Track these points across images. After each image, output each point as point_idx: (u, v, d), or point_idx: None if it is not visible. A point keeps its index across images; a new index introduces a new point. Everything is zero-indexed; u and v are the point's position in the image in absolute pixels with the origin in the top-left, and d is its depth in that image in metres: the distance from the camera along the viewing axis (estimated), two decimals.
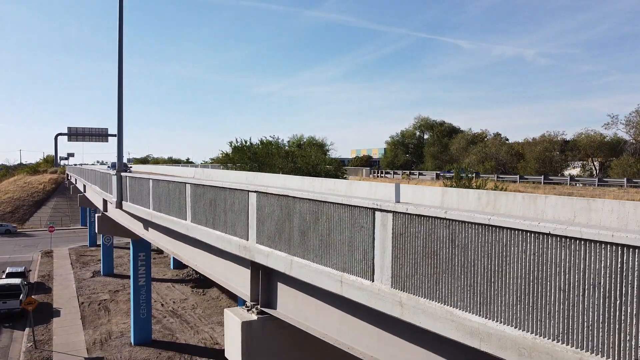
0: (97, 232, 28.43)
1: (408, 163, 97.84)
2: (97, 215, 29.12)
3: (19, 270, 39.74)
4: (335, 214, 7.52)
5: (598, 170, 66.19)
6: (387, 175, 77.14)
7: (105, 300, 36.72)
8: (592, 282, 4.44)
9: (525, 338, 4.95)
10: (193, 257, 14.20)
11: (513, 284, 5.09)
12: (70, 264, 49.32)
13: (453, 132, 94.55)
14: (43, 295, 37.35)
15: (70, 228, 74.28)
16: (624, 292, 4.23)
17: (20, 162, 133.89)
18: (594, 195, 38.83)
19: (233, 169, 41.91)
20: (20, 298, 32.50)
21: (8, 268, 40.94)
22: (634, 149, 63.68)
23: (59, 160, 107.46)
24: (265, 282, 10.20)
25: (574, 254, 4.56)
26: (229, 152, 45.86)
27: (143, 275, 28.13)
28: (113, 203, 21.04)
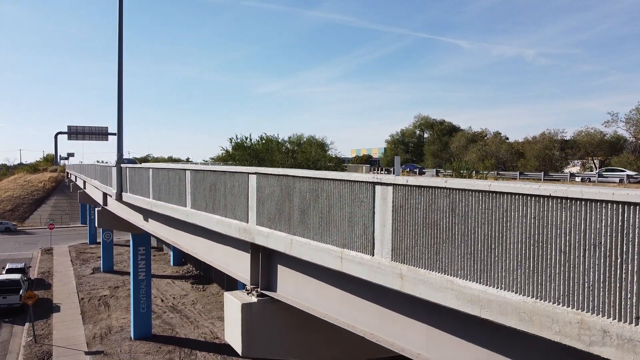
0: (97, 226, 28.43)
1: (408, 161, 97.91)
2: (97, 210, 29.12)
3: (19, 267, 39.72)
4: (336, 191, 7.52)
5: (598, 168, 66.22)
6: (387, 173, 77.24)
7: (105, 296, 36.71)
8: (592, 242, 4.44)
9: (526, 302, 4.94)
10: (193, 245, 14.20)
11: (513, 249, 5.09)
12: (70, 261, 49.32)
13: (453, 130, 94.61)
14: (43, 291, 37.34)
15: (70, 226, 74.26)
16: (625, 250, 4.22)
17: (20, 162, 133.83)
18: None
19: (234, 166, 41.84)
20: (20, 293, 32.48)
21: (8, 264, 40.93)
22: (634, 147, 63.70)
23: (59, 160, 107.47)
24: (265, 264, 10.19)
25: (575, 215, 4.55)
26: (230, 149, 45.84)
27: (143, 270, 28.13)
28: (113, 195, 21.03)
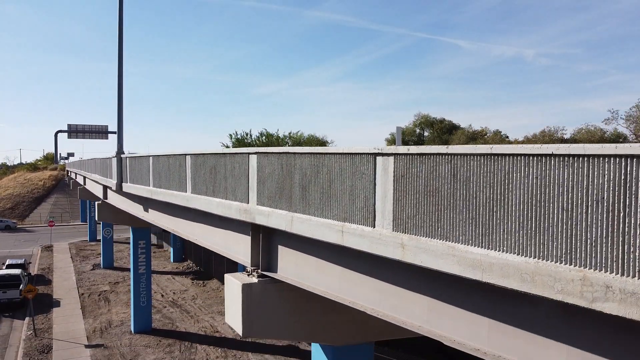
0: (97, 219, 28.42)
1: None
2: (97, 203, 29.12)
3: (19, 262, 39.73)
4: (337, 165, 7.50)
5: None
6: None
7: (105, 292, 36.71)
8: (595, 198, 4.42)
9: (528, 263, 4.92)
10: (192, 231, 14.18)
11: (515, 211, 5.07)
12: (70, 258, 49.33)
13: (453, 129, 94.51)
14: (43, 287, 37.32)
15: (70, 224, 74.29)
16: (628, 203, 4.20)
17: (20, 161, 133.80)
18: None
19: None
20: (20, 288, 32.46)
21: (8, 260, 40.94)
22: None
23: (59, 160, 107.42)
24: (266, 245, 10.17)
25: (577, 172, 4.54)
26: (230, 145, 45.89)
27: (143, 263, 28.11)
28: (113, 186, 21.02)
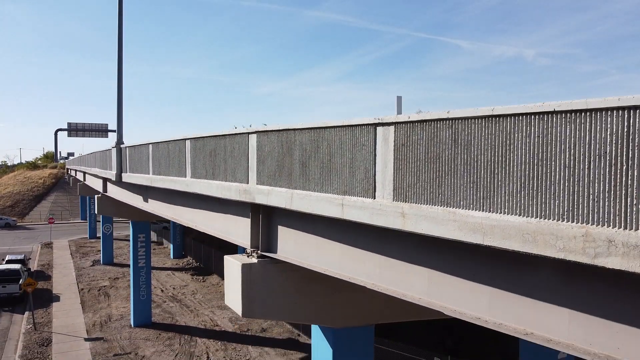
0: (97, 213, 28.40)
1: None
2: (96, 197, 29.07)
3: (19, 258, 39.71)
4: (337, 138, 7.46)
5: None
6: None
7: (105, 287, 36.68)
8: (597, 153, 4.38)
9: (530, 223, 4.88)
10: (192, 218, 14.14)
11: (517, 171, 5.03)
12: (70, 254, 49.30)
13: None
14: (43, 282, 37.29)
15: (70, 222, 74.26)
16: (631, 155, 4.16)
17: (21, 160, 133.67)
18: None
19: None
20: (20, 283, 32.43)
21: (8, 256, 40.93)
22: None
23: (59, 159, 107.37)
24: (266, 226, 10.13)
25: (579, 128, 4.50)
26: None
27: (143, 257, 28.08)
28: (113, 177, 20.97)
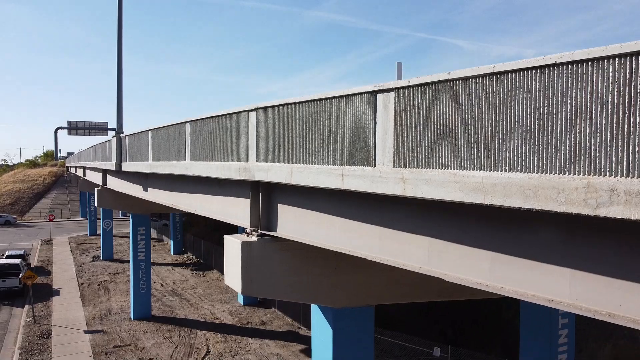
0: (96, 205, 28.36)
1: None
2: (96, 189, 29.04)
3: (19, 253, 39.65)
4: (336, 109, 7.43)
5: None
6: None
7: (105, 281, 36.63)
8: (599, 102, 4.35)
9: (531, 178, 4.85)
10: (192, 203, 14.11)
11: (518, 128, 5.00)
12: (70, 251, 49.25)
13: None
14: (43, 278, 37.25)
15: (70, 220, 74.23)
16: (633, 102, 4.13)
17: (21, 160, 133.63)
18: None
19: None
20: (20, 277, 32.39)
21: (7, 251, 40.88)
22: None
23: (59, 158, 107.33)
24: (265, 205, 10.10)
25: (581, 79, 4.47)
26: None
27: (143, 250, 28.04)
28: (113, 166, 20.94)
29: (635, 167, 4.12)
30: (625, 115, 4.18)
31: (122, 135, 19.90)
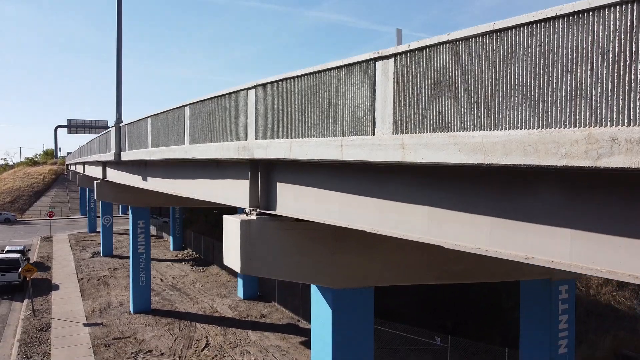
0: (96, 198, 28.31)
1: None
2: (95, 182, 29.00)
3: (18, 249, 39.61)
4: (335, 80, 7.39)
5: None
6: None
7: (105, 277, 36.59)
8: (600, 52, 4.31)
9: (531, 134, 4.81)
10: (191, 189, 14.07)
11: (518, 84, 4.96)
12: (70, 247, 49.20)
13: None
14: (42, 273, 37.18)
15: (70, 217, 74.19)
16: (634, 50, 4.09)
17: (21, 159, 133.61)
18: None
19: None
20: (19, 271, 32.35)
21: (7, 247, 40.84)
22: None
23: (58, 156, 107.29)
24: (265, 184, 10.05)
25: (582, 29, 4.43)
26: None
27: (142, 243, 27.99)
28: (112, 156, 20.90)
29: (637, 114, 4.08)
30: (627, 63, 4.14)
31: (121, 125, 19.88)
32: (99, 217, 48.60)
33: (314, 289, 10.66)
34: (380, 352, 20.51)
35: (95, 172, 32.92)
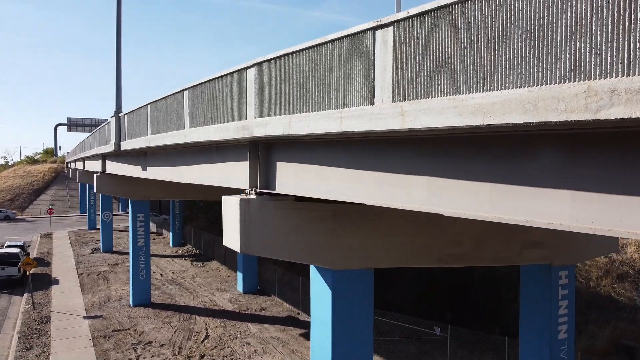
0: (95, 192, 28.29)
1: None
2: (95, 175, 28.98)
3: (18, 244, 39.59)
4: (335, 51, 7.38)
5: None
6: None
7: (104, 272, 36.58)
8: (600, 4, 4.30)
9: (531, 92, 4.80)
10: (192, 176, 14.07)
11: (518, 42, 4.95)
12: (70, 243, 49.19)
13: None
14: (42, 268, 37.19)
15: (70, 215, 74.17)
16: None
17: (20, 158, 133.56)
18: None
19: None
20: (19, 266, 32.33)
21: (7, 242, 40.82)
22: None
23: (59, 154, 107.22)
24: (264, 163, 10.04)
25: None
26: None
27: (142, 236, 27.97)
28: (112, 147, 20.89)
29: (637, 64, 4.07)
30: (627, 13, 4.13)
31: (120, 115, 19.86)
32: (99, 214, 48.58)
33: (314, 270, 10.65)
34: (381, 343, 20.50)
35: (95, 166, 32.91)
